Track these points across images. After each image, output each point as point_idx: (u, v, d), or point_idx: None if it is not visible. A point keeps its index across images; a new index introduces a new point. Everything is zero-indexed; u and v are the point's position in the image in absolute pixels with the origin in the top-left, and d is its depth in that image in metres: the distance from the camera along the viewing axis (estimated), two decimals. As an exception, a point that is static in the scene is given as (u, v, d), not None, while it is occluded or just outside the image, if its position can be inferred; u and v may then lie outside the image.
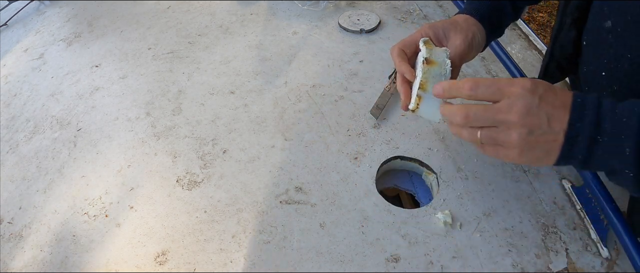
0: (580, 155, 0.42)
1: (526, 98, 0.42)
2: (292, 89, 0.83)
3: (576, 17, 0.62)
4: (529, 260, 0.55)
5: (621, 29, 0.50)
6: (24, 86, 0.93)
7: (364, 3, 1.05)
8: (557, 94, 0.43)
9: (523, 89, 0.42)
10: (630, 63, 0.50)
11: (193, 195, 0.66)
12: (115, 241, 0.61)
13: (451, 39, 0.58)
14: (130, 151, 0.74)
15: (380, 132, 0.73)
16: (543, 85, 0.43)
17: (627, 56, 0.50)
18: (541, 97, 0.42)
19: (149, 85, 0.87)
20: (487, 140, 0.45)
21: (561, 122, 0.41)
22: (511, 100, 0.42)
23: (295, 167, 0.68)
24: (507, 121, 0.43)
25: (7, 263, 0.60)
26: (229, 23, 1.03)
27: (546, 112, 0.42)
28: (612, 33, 0.52)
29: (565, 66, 0.69)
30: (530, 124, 0.42)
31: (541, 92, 0.42)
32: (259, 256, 0.58)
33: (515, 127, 0.42)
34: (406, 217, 0.60)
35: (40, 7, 1.21)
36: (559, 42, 0.67)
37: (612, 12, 0.51)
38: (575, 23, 0.63)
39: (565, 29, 0.64)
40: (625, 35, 0.50)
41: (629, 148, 0.39)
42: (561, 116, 0.42)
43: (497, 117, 0.43)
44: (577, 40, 0.64)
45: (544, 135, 0.42)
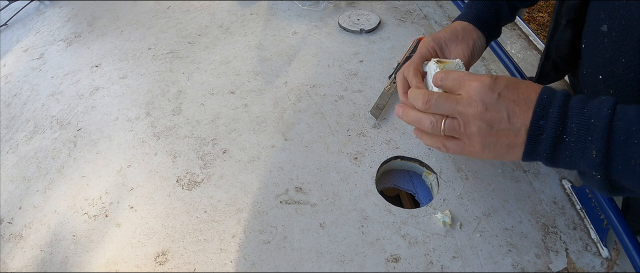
0: (544, 153, 0.41)
1: (484, 93, 0.42)
2: (292, 89, 0.83)
3: (571, 17, 0.63)
4: (529, 260, 0.55)
5: (616, 33, 0.51)
6: (24, 86, 0.93)
7: (364, 3, 1.05)
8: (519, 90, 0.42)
9: (482, 84, 0.43)
10: (625, 67, 0.51)
11: (193, 195, 0.66)
12: (115, 241, 0.61)
13: (453, 50, 0.59)
14: (130, 151, 0.74)
15: (380, 132, 0.73)
16: (505, 82, 0.43)
17: (622, 60, 0.51)
18: (500, 94, 0.42)
19: (149, 85, 0.87)
20: (449, 131, 0.45)
21: (522, 118, 0.41)
22: (470, 94, 0.43)
23: (295, 167, 0.68)
24: (466, 113, 0.43)
25: (7, 263, 0.60)
26: (229, 23, 1.03)
27: (506, 107, 0.42)
28: (608, 37, 0.52)
29: (562, 66, 0.70)
30: (489, 118, 0.42)
31: (501, 88, 0.42)
32: (259, 256, 0.58)
33: (474, 120, 0.43)
34: (406, 217, 0.60)
35: (40, 7, 1.21)
36: (555, 42, 0.67)
37: (608, 16, 0.52)
38: (570, 23, 0.63)
39: (560, 29, 0.65)
40: (619, 39, 0.50)
41: (595, 151, 0.38)
42: (522, 112, 0.41)
43: (457, 108, 0.44)
44: (573, 40, 0.64)
45: (504, 131, 0.42)
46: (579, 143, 0.39)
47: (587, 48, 0.59)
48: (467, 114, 0.43)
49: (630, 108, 0.38)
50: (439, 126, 0.46)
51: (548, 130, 0.40)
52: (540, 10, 2.80)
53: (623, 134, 0.37)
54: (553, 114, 0.40)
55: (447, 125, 0.45)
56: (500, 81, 0.43)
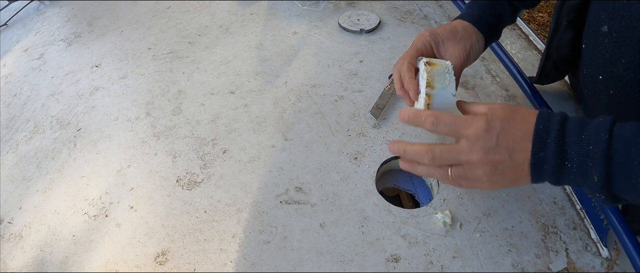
0: (549, 179, 0.42)
1: (483, 139, 0.43)
2: (292, 89, 0.83)
3: (572, 18, 0.62)
4: (529, 260, 0.55)
5: (616, 34, 0.51)
6: (24, 86, 0.93)
7: (364, 3, 1.05)
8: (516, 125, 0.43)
9: (478, 131, 0.43)
10: (625, 68, 0.51)
11: (193, 195, 0.66)
12: (115, 241, 0.61)
13: (449, 50, 0.59)
14: (130, 151, 0.74)
15: (380, 132, 0.73)
16: (499, 120, 0.43)
17: (622, 61, 0.51)
18: (499, 134, 0.43)
19: (149, 85, 0.87)
20: (457, 178, 0.47)
21: (524, 153, 0.42)
22: (470, 142, 0.44)
23: (295, 167, 0.68)
24: (470, 161, 0.44)
25: (7, 263, 0.60)
26: (229, 23, 1.03)
27: (506, 148, 0.43)
28: (608, 37, 0.52)
29: (562, 67, 0.70)
30: (492, 161, 0.43)
31: (498, 129, 0.43)
32: (259, 256, 0.57)
33: (479, 166, 0.44)
34: (406, 217, 0.60)
35: (40, 7, 1.21)
36: (555, 42, 0.67)
37: (608, 17, 0.52)
38: (571, 24, 0.63)
39: (561, 29, 0.65)
40: (620, 40, 0.50)
41: (596, 176, 0.39)
42: (523, 147, 0.42)
43: (460, 158, 0.45)
44: (574, 40, 0.64)
45: (508, 168, 0.43)
46: (581, 169, 0.40)
47: (587, 48, 0.59)
48: (471, 162, 0.44)
49: (627, 127, 0.38)
50: (447, 176, 0.47)
51: (549, 160, 0.41)
52: (540, 10, 2.80)
53: (622, 156, 0.38)
54: (551, 144, 0.41)
55: (453, 174, 0.46)
56: (495, 121, 0.44)
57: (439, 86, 0.51)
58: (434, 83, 0.51)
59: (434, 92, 0.50)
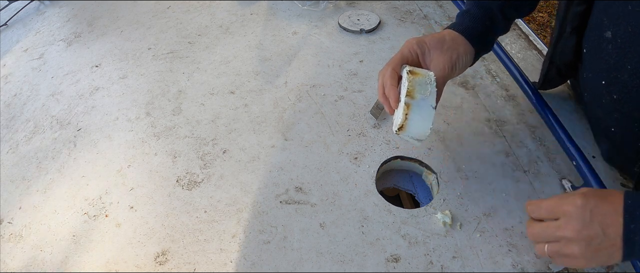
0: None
1: (579, 215, 0.46)
2: (292, 89, 0.83)
3: (576, 24, 0.62)
4: (529, 260, 0.55)
5: (621, 40, 0.50)
6: (24, 86, 0.93)
7: (364, 3, 1.05)
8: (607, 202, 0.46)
9: (575, 207, 0.47)
10: (630, 73, 0.51)
11: (193, 195, 0.66)
12: (115, 241, 0.61)
13: (435, 59, 0.58)
14: (130, 151, 0.74)
15: (380, 132, 0.73)
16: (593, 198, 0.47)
17: (627, 67, 0.51)
18: (592, 211, 0.46)
19: (149, 85, 0.87)
20: (553, 254, 0.49)
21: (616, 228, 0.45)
22: (566, 219, 0.47)
23: (295, 167, 0.68)
24: (566, 237, 0.47)
25: (7, 263, 0.60)
26: (229, 23, 1.03)
27: (599, 223, 0.45)
28: (612, 43, 0.52)
29: (565, 71, 0.70)
30: (587, 236, 0.46)
31: (592, 206, 0.46)
32: (259, 256, 0.58)
33: (575, 242, 0.47)
34: (406, 217, 0.60)
35: (40, 7, 1.21)
36: (559, 48, 0.66)
37: (612, 22, 0.51)
38: (575, 30, 0.63)
39: (565, 36, 0.64)
40: (625, 46, 0.50)
41: None
42: (614, 222, 0.45)
43: (557, 234, 0.48)
44: (577, 46, 0.64)
45: (602, 243, 0.46)
46: None
47: (589, 53, 0.58)
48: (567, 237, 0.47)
49: None
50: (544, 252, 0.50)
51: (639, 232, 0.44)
52: (540, 10, 2.80)
53: None
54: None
55: (550, 250, 0.49)
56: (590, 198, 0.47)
57: (419, 96, 0.50)
58: (414, 93, 0.51)
59: (413, 102, 0.50)
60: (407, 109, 0.50)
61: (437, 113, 0.75)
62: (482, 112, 0.75)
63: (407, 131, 0.52)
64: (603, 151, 0.65)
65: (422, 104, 0.50)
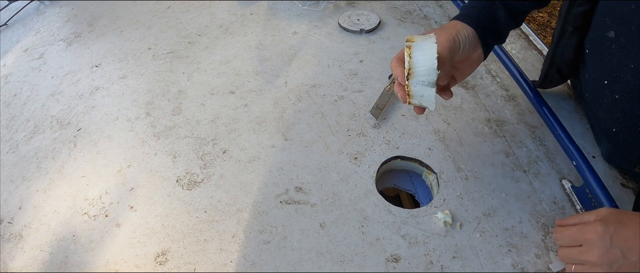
0: None
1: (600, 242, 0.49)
2: (292, 89, 0.83)
3: (578, 24, 0.62)
4: (529, 260, 0.55)
5: (624, 39, 0.51)
6: (24, 86, 0.93)
7: (364, 3, 1.05)
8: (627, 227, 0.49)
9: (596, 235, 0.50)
10: (633, 73, 0.51)
11: (193, 195, 0.66)
12: (115, 241, 0.61)
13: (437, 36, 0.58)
14: (130, 151, 0.74)
15: (380, 132, 0.73)
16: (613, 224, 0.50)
17: (630, 66, 0.51)
18: (612, 237, 0.49)
19: (149, 85, 0.87)
20: None
21: (635, 251, 0.47)
22: (589, 246, 0.50)
23: (295, 167, 0.68)
24: (589, 261, 0.50)
25: (7, 263, 0.60)
26: (229, 23, 1.03)
27: (620, 247, 0.48)
28: (615, 43, 0.52)
29: (566, 71, 0.69)
30: (608, 260, 0.49)
31: (612, 232, 0.49)
32: (259, 256, 0.57)
33: (597, 265, 0.50)
34: (406, 217, 0.60)
35: (40, 7, 1.21)
36: (560, 48, 0.66)
37: (615, 22, 0.51)
38: (577, 30, 0.63)
39: (566, 35, 0.64)
40: (628, 45, 0.50)
41: None
42: (635, 246, 0.47)
43: (581, 257, 0.51)
44: (578, 46, 0.64)
45: (623, 266, 0.48)
46: None
47: (591, 53, 0.58)
48: (590, 261, 0.50)
49: None
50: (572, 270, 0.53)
51: None
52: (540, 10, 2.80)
53: None
54: None
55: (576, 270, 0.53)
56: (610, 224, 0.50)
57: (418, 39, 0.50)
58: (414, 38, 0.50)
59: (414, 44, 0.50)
60: (409, 50, 0.50)
61: (438, 113, 0.75)
62: (482, 112, 0.75)
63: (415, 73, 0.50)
64: (603, 151, 0.65)
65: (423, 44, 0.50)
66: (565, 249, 0.54)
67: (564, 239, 0.54)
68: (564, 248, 0.54)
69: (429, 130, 0.72)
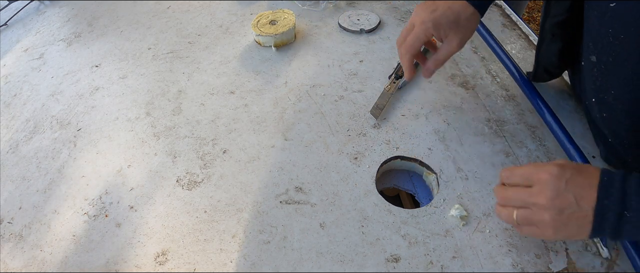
0: (609, 229, 0.45)
1: (554, 183, 0.47)
2: (292, 89, 0.83)
3: (557, 32, 0.63)
4: (529, 260, 0.55)
5: (605, 66, 0.51)
6: (24, 86, 0.93)
7: (364, 3, 1.05)
8: (583, 175, 0.47)
9: (550, 175, 0.47)
10: (614, 97, 0.51)
11: (193, 195, 0.66)
12: (115, 241, 0.61)
13: (449, 37, 0.61)
14: (130, 151, 0.74)
15: (380, 132, 0.73)
16: (570, 169, 0.47)
17: (611, 92, 0.51)
18: (568, 181, 0.46)
19: (149, 85, 0.87)
20: (522, 221, 0.50)
21: (589, 200, 0.45)
22: (541, 186, 0.47)
23: (295, 167, 0.68)
24: (538, 204, 0.47)
25: (7, 263, 0.61)
26: (229, 23, 1.03)
27: (574, 193, 0.46)
28: (596, 67, 0.53)
29: (553, 71, 0.72)
30: (559, 204, 0.46)
31: (568, 176, 0.47)
32: (259, 256, 0.58)
33: (546, 209, 0.47)
34: (406, 217, 0.60)
35: (40, 7, 1.21)
36: (542, 52, 0.68)
37: (596, 49, 0.52)
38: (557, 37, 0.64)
39: (546, 42, 0.66)
40: (608, 73, 0.51)
41: None
42: (589, 195, 0.45)
43: (530, 200, 0.48)
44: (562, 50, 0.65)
45: (574, 214, 0.46)
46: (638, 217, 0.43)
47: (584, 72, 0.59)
48: (539, 204, 0.47)
49: None
50: (511, 217, 0.50)
51: (612, 208, 0.44)
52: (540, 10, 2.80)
53: None
54: (614, 194, 0.44)
55: (519, 215, 0.50)
56: (567, 169, 0.47)
57: None
58: None
59: None
60: None
61: (438, 113, 0.75)
62: (482, 112, 0.75)
63: None
64: (601, 152, 0.66)
65: None
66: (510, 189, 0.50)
67: (514, 177, 0.51)
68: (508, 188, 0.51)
69: (429, 130, 0.72)
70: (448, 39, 0.62)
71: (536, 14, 2.77)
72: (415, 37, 0.62)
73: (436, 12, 0.61)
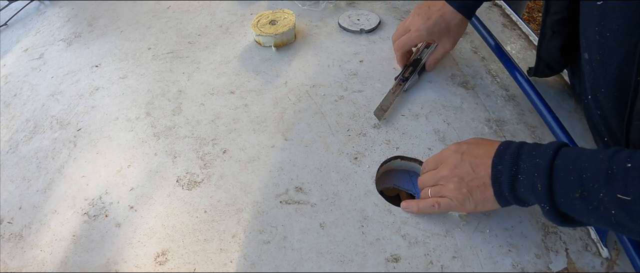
0: (507, 192, 0.49)
1: (452, 156, 0.54)
2: (292, 89, 0.83)
3: (557, 29, 0.65)
4: (529, 260, 0.55)
5: (594, 63, 0.52)
6: (24, 86, 0.93)
7: (364, 3, 1.05)
8: (481, 147, 0.53)
9: (449, 151, 0.56)
10: (604, 95, 0.52)
11: (193, 195, 0.66)
12: (115, 241, 0.61)
13: (443, 42, 0.76)
14: (130, 151, 0.74)
15: (380, 132, 0.73)
16: (467, 144, 0.55)
17: (601, 89, 0.53)
18: (464, 153, 0.53)
19: (149, 85, 0.87)
20: (435, 194, 0.57)
21: (485, 167, 0.51)
22: (444, 163, 0.56)
23: (295, 167, 0.68)
24: (443, 176, 0.55)
25: (7, 263, 0.60)
26: (229, 23, 1.03)
27: (469, 162, 0.52)
28: (589, 65, 0.54)
29: (555, 66, 0.73)
30: (459, 173, 0.53)
31: (464, 149, 0.54)
32: (259, 256, 0.58)
33: (449, 179, 0.54)
34: (406, 217, 0.60)
35: (40, 7, 1.21)
36: (544, 48, 0.70)
37: (588, 46, 0.53)
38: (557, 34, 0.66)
39: (547, 38, 0.68)
40: (597, 70, 0.52)
41: (540, 185, 0.45)
42: (484, 162, 0.51)
43: (437, 176, 0.56)
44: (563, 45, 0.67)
45: (473, 181, 0.52)
46: (529, 180, 0.46)
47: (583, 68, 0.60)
48: (444, 176, 0.55)
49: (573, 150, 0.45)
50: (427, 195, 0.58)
51: (505, 172, 0.48)
52: (540, 10, 2.80)
53: (562, 171, 0.43)
54: (507, 159, 0.48)
55: (432, 191, 0.57)
56: (462, 145, 0.55)
57: None
58: None
59: None
60: None
61: (438, 113, 0.75)
62: (482, 112, 0.75)
63: None
64: None
65: None
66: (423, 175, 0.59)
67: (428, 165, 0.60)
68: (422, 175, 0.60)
69: (429, 130, 0.72)
70: (442, 41, 0.76)
71: (536, 14, 2.77)
72: (408, 39, 0.76)
73: (430, 21, 0.73)
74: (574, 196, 0.42)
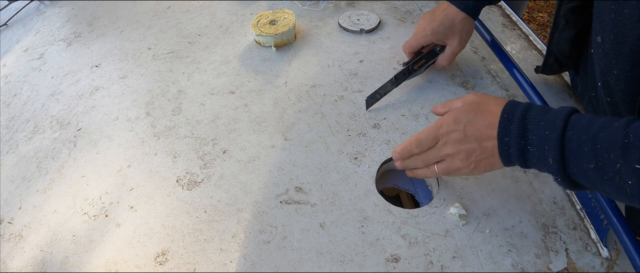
0: (518, 162, 0.47)
1: (453, 132, 0.51)
2: (292, 89, 0.83)
3: (571, 19, 0.64)
4: (529, 260, 0.55)
5: (608, 45, 0.52)
6: (24, 86, 0.93)
7: (364, 3, 1.05)
8: (481, 116, 0.49)
9: (448, 126, 0.51)
10: (616, 78, 0.52)
11: (193, 195, 0.66)
12: (115, 241, 0.61)
13: (450, 41, 0.75)
14: (130, 151, 0.74)
15: (380, 132, 0.73)
16: (466, 114, 0.50)
17: (614, 72, 0.52)
18: (466, 125, 0.50)
19: (149, 85, 0.87)
20: (443, 172, 0.55)
21: (491, 140, 0.48)
22: (445, 139, 0.52)
23: (295, 167, 0.68)
24: (447, 154, 0.53)
25: (7, 263, 0.61)
26: (229, 23, 1.03)
27: (475, 137, 0.49)
28: (601, 48, 0.54)
29: (564, 61, 0.72)
30: (464, 150, 0.50)
31: (465, 122, 0.50)
32: (259, 256, 0.58)
33: (455, 156, 0.52)
34: (406, 217, 0.60)
35: (40, 7, 1.21)
36: (555, 40, 0.69)
37: (602, 28, 0.53)
38: (570, 24, 0.65)
39: (559, 29, 0.67)
40: (610, 52, 0.52)
41: (551, 159, 0.43)
42: (489, 135, 0.48)
43: (441, 153, 0.53)
44: (575, 38, 0.66)
45: (480, 155, 0.50)
46: (540, 153, 0.44)
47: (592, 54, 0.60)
48: (448, 154, 0.52)
49: (583, 117, 0.43)
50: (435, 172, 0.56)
51: (513, 145, 0.46)
52: (540, 10, 2.80)
53: (574, 142, 0.42)
54: (513, 130, 0.46)
55: (439, 169, 0.55)
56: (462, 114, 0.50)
57: None
58: None
59: None
60: None
61: (437, 113, 0.75)
62: (482, 112, 0.75)
63: None
64: None
65: None
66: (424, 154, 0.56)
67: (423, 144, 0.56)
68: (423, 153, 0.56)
69: (429, 130, 0.72)
70: (449, 41, 0.75)
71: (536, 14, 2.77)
72: (414, 39, 0.78)
73: (434, 22, 0.74)
74: (588, 167, 0.40)
